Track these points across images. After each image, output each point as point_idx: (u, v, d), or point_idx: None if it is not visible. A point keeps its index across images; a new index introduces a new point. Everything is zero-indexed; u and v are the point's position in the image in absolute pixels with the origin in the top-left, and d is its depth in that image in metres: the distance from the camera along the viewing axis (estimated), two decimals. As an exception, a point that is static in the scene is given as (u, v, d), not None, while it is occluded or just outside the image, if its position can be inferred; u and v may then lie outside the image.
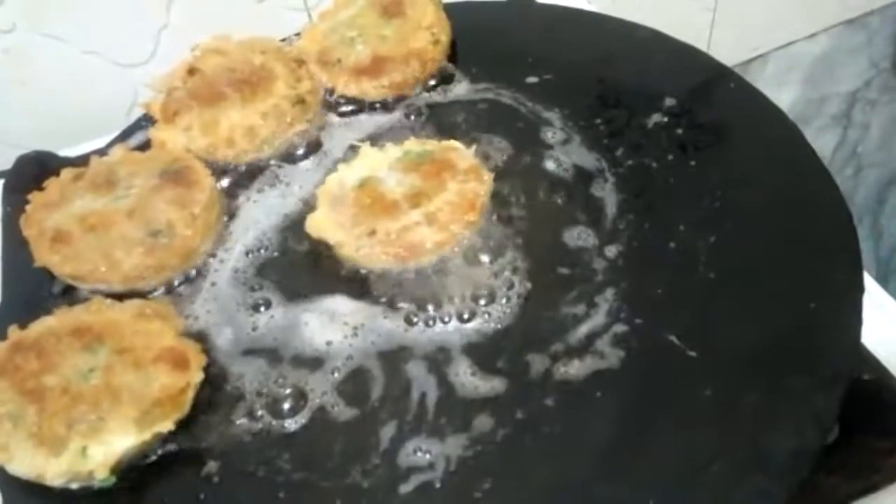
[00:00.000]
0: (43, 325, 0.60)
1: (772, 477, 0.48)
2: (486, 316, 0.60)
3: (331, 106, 0.77)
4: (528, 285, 0.61)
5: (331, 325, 0.61)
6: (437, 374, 0.57)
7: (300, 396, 0.57)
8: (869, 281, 0.59)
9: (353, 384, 0.58)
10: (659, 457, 0.51)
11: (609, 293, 0.60)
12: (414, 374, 0.57)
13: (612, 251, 0.62)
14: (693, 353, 0.55)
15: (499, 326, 0.59)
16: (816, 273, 0.58)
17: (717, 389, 0.53)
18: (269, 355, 0.60)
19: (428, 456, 0.53)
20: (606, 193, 0.66)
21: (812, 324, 0.55)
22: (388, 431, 0.55)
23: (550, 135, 0.71)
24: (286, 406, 0.57)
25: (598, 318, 0.58)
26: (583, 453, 0.52)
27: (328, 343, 0.60)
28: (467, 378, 0.57)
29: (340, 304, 0.62)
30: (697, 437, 0.51)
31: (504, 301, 0.60)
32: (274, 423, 0.56)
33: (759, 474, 0.48)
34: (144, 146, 0.75)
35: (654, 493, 0.49)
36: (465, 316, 0.60)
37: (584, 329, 0.57)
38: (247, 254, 0.67)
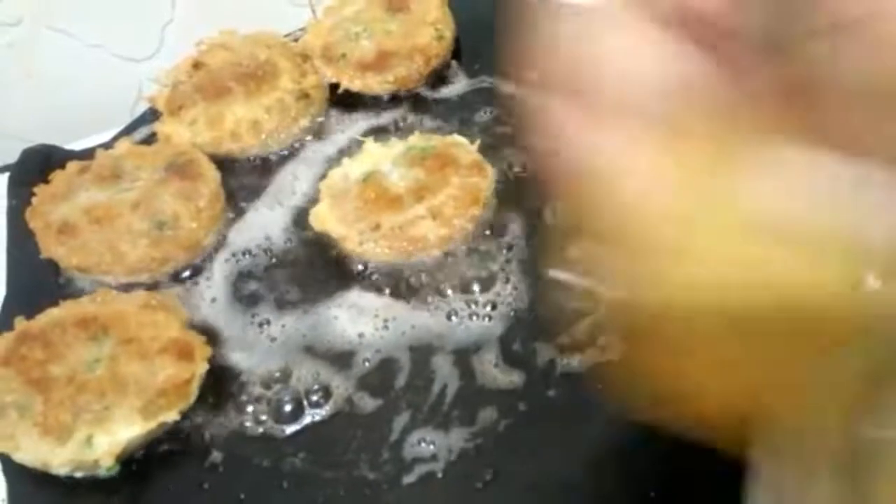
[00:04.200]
0: (49, 315, 0.60)
1: (772, 468, 0.48)
2: (492, 309, 0.60)
3: (335, 101, 0.77)
4: (533, 278, 0.61)
5: (353, 319, 0.61)
6: (460, 366, 0.58)
7: (324, 390, 0.58)
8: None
9: (377, 376, 0.58)
10: (659, 447, 0.51)
11: (612, 286, 0.60)
12: (437, 366, 0.58)
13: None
14: (694, 347, 0.55)
15: (503, 321, 0.59)
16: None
17: (718, 382, 0.53)
18: (285, 352, 0.61)
19: (432, 447, 0.53)
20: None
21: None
22: (400, 422, 0.55)
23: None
24: (313, 399, 0.57)
25: (602, 312, 0.58)
26: (583, 445, 0.53)
27: (359, 335, 0.60)
28: (488, 368, 0.57)
29: (347, 298, 0.63)
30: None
31: (510, 295, 0.60)
32: (287, 416, 0.57)
33: (759, 465, 0.48)
34: (150, 140, 0.75)
35: (654, 484, 0.49)
36: (471, 309, 0.60)
37: (587, 322, 0.58)
38: (252, 252, 0.67)
